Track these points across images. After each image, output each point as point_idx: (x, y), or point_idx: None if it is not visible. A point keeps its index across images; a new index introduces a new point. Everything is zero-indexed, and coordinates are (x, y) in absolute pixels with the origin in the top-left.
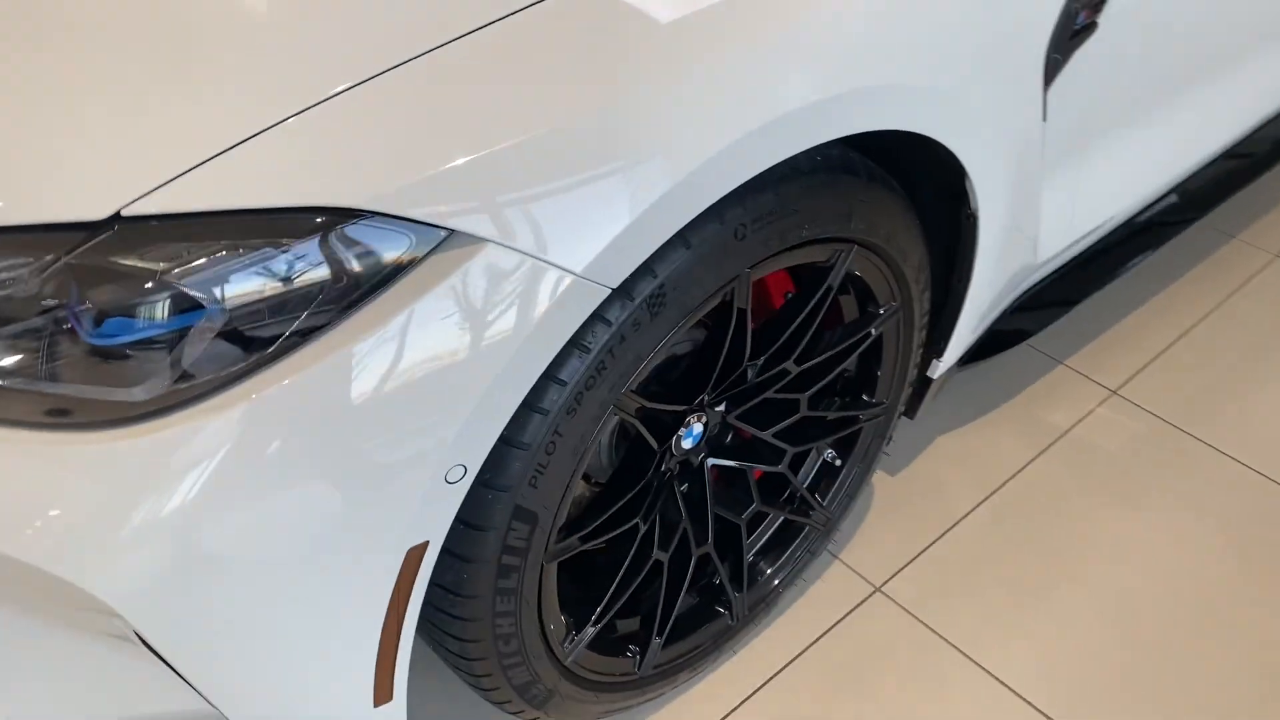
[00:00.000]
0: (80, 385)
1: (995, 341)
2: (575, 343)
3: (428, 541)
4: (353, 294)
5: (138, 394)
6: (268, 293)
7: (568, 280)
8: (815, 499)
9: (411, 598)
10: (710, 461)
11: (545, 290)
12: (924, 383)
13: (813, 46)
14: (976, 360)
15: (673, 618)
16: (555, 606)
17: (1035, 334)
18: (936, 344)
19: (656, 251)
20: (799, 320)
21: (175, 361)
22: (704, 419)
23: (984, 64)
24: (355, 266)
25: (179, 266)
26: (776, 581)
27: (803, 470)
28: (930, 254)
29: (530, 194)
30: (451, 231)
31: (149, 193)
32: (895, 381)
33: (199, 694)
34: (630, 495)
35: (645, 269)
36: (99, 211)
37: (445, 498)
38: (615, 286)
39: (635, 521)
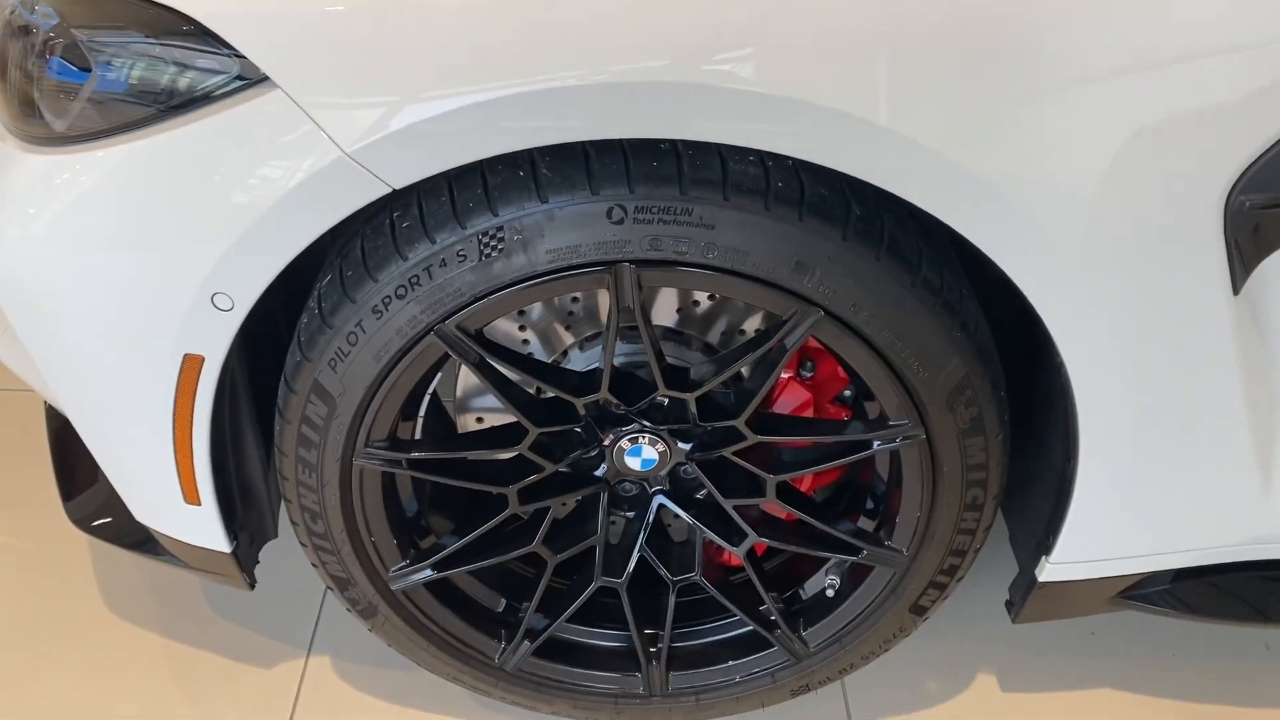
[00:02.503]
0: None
1: (1199, 600)
2: (396, 246)
3: (203, 357)
4: (176, 99)
5: (58, 125)
6: (136, 75)
7: (334, 155)
8: (782, 617)
9: (196, 407)
10: (658, 499)
11: (311, 156)
12: (1028, 582)
13: None
14: (1170, 609)
15: (546, 630)
16: (381, 516)
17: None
18: (1039, 537)
19: (500, 191)
20: (738, 370)
21: (70, 109)
22: (661, 446)
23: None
24: (187, 73)
25: (94, 30)
26: (717, 678)
27: (807, 584)
28: (1009, 395)
29: (344, 56)
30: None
31: None
32: (920, 536)
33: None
34: (485, 463)
35: (481, 203)
36: None
37: (217, 320)
38: (396, 187)
39: (503, 493)
